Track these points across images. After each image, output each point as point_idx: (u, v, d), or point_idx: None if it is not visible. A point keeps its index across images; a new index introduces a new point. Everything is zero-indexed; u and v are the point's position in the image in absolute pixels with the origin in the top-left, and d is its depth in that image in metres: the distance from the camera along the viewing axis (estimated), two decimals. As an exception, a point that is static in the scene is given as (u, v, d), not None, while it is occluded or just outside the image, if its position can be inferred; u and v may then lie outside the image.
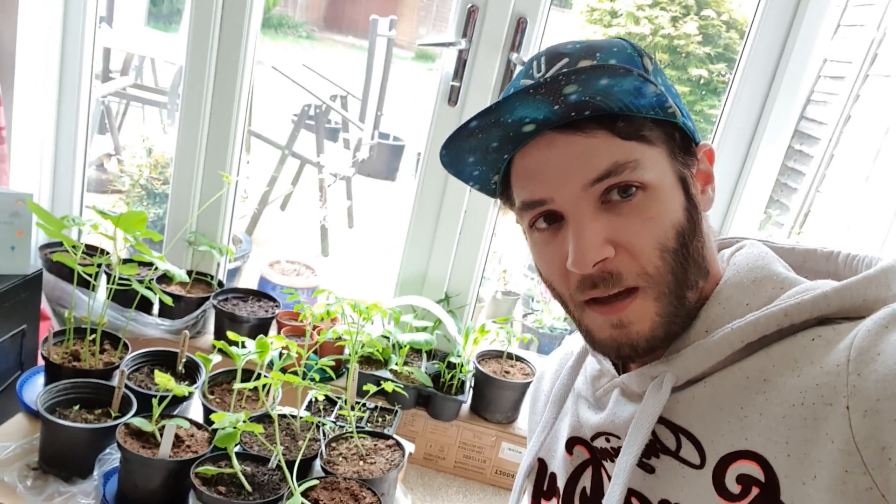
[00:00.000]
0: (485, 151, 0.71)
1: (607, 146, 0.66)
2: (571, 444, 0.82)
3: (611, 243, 0.66)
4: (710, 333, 0.68)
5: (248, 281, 2.84)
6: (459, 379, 1.59)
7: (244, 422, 1.11)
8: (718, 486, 0.64)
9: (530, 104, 0.63)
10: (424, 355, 1.67)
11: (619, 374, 0.77)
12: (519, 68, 0.76)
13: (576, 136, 0.66)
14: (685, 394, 0.69)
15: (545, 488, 0.86)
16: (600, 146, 0.66)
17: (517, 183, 0.73)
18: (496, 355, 1.68)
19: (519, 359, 1.67)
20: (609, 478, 0.76)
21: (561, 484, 0.83)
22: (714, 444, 0.66)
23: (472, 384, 1.62)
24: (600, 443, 0.78)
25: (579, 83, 0.61)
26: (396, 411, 1.44)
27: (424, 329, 1.62)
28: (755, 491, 0.62)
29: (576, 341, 0.88)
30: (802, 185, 3.76)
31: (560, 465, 0.84)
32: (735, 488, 0.63)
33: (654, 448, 0.71)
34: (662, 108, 0.66)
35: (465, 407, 1.63)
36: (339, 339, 1.48)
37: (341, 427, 1.32)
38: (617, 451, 0.74)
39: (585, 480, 0.80)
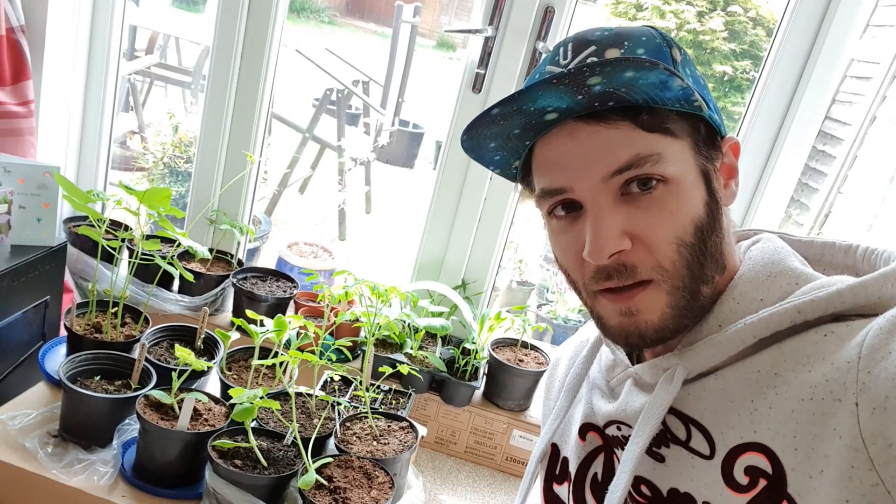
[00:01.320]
0: (506, 138, 0.71)
1: (630, 138, 0.65)
2: (585, 430, 0.83)
3: (628, 236, 0.66)
4: (723, 328, 0.68)
5: (266, 261, 2.86)
6: (473, 365, 1.60)
7: (262, 397, 1.13)
8: (727, 476, 0.65)
9: (553, 94, 0.63)
10: (439, 340, 1.68)
11: (633, 365, 0.77)
12: (544, 55, 0.75)
13: (598, 127, 0.66)
14: (696, 386, 0.69)
15: (557, 472, 0.87)
16: (623, 138, 0.65)
17: (538, 170, 0.72)
18: (510, 343, 1.68)
19: (533, 348, 1.68)
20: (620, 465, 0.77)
21: (573, 469, 0.84)
22: (724, 435, 0.66)
23: (486, 371, 1.63)
24: (612, 431, 0.78)
25: (604, 75, 0.61)
26: (410, 394, 1.45)
27: (440, 314, 1.63)
28: (762, 483, 0.62)
29: (591, 329, 0.88)
30: (824, 185, 3.72)
31: (573, 451, 0.85)
32: (743, 479, 0.64)
33: (664, 438, 0.71)
34: (688, 102, 0.66)
35: (478, 393, 1.64)
36: (357, 320, 1.49)
37: (356, 408, 1.34)
38: (627, 439, 0.75)
39: (597, 466, 0.81)
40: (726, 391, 0.67)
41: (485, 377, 1.63)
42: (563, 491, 0.86)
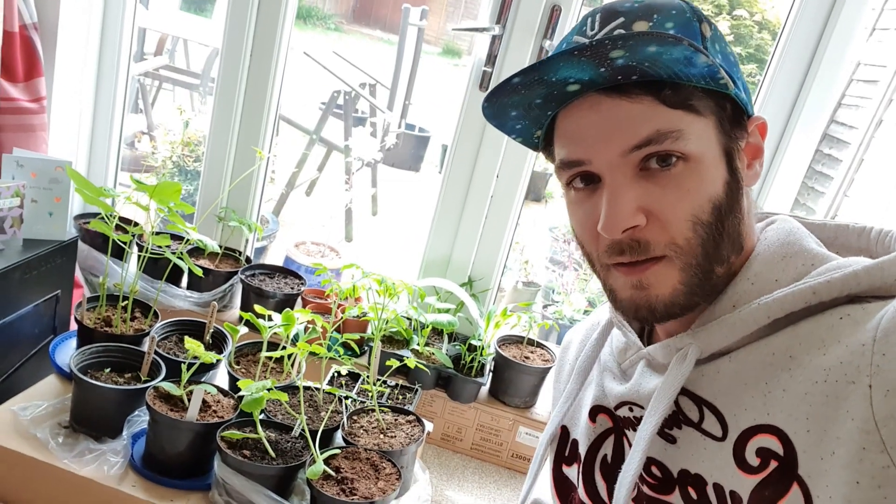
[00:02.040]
0: (528, 108, 0.71)
1: (652, 113, 0.65)
2: (595, 412, 0.83)
3: (643, 212, 0.66)
4: (736, 308, 0.68)
5: (274, 260, 2.88)
6: (479, 362, 1.61)
7: (270, 389, 1.14)
8: (738, 458, 0.65)
9: (575, 65, 0.63)
10: (446, 337, 1.69)
11: (645, 347, 0.78)
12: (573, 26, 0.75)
13: (621, 101, 0.66)
14: (710, 367, 0.70)
15: (567, 454, 0.88)
16: (644, 113, 0.65)
17: (559, 141, 0.72)
18: (517, 340, 1.69)
19: (539, 345, 1.69)
20: (630, 446, 0.78)
21: (582, 450, 0.84)
22: (737, 417, 0.66)
23: (492, 368, 1.64)
24: (624, 412, 0.79)
25: (626, 48, 0.60)
26: (417, 390, 1.46)
27: (447, 311, 1.64)
28: (773, 464, 0.63)
29: (602, 313, 0.89)
30: (830, 188, 3.72)
31: (582, 433, 0.85)
32: (754, 461, 0.64)
33: (676, 419, 0.72)
34: (714, 79, 0.65)
35: (485, 390, 1.64)
36: (364, 314, 1.50)
37: (363, 402, 1.35)
38: (639, 420, 0.75)
39: (607, 448, 0.81)
40: (740, 373, 0.67)
41: (491, 374, 1.64)
42: (572, 472, 0.87)
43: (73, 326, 1.51)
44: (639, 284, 0.68)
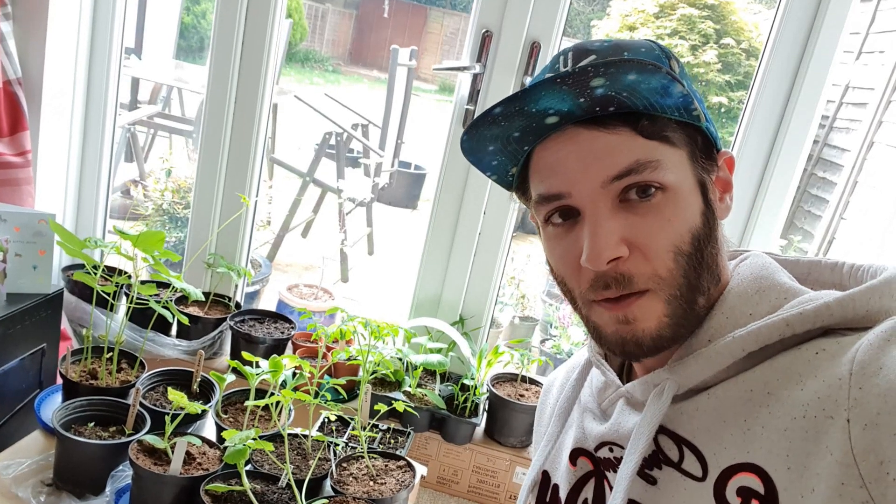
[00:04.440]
0: (506, 141, 0.71)
1: (630, 144, 0.65)
2: (575, 455, 0.82)
3: (625, 243, 0.65)
4: (712, 342, 0.67)
5: (266, 305, 2.86)
6: (473, 401, 1.58)
7: (254, 439, 1.11)
8: (719, 497, 0.64)
9: (556, 95, 0.63)
10: (438, 378, 1.67)
11: (624, 385, 0.76)
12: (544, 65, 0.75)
13: (599, 132, 0.66)
14: (689, 405, 0.68)
15: (548, 500, 0.85)
16: (623, 143, 0.65)
17: (536, 176, 0.72)
18: (511, 378, 1.67)
19: (533, 382, 1.66)
20: (611, 489, 0.75)
21: (563, 495, 0.82)
22: (716, 456, 0.65)
23: (486, 407, 1.61)
24: (604, 453, 0.77)
25: (607, 76, 0.61)
26: (409, 433, 1.43)
27: (439, 351, 1.62)
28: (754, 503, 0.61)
29: (581, 354, 0.87)
30: (826, 211, 3.72)
31: (563, 477, 0.83)
32: (735, 501, 0.63)
33: (657, 459, 0.70)
34: (687, 111, 0.66)
35: (480, 430, 1.61)
36: (352, 358, 1.48)
37: (353, 448, 1.32)
38: (619, 461, 0.73)
39: (588, 492, 0.79)
40: (719, 410, 0.66)
41: (485, 414, 1.61)
42: None
43: (60, 380, 1.49)
44: (624, 319, 0.67)
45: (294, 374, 1.34)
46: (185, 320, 1.49)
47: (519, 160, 0.75)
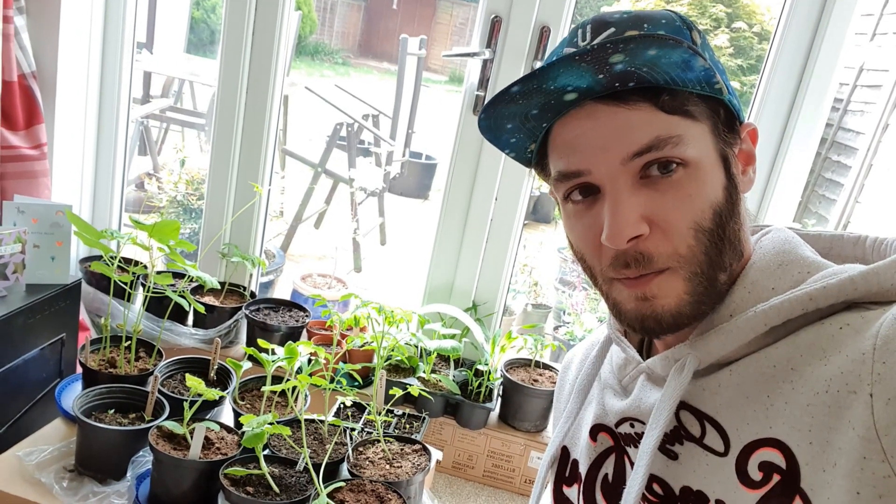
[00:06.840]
0: (524, 118, 0.70)
1: (650, 120, 0.64)
2: (596, 431, 0.82)
3: (646, 220, 0.65)
4: (733, 317, 0.67)
5: (280, 294, 2.88)
6: (487, 387, 1.59)
7: (272, 423, 1.13)
8: (741, 473, 0.64)
9: (575, 71, 0.62)
10: (452, 363, 1.68)
11: (644, 361, 0.76)
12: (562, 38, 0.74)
13: (618, 108, 0.65)
14: (711, 381, 0.68)
15: (567, 475, 0.86)
16: (643, 119, 0.64)
17: (555, 153, 0.71)
18: (524, 364, 1.67)
19: (547, 367, 1.67)
20: (632, 465, 0.76)
21: (583, 470, 0.82)
22: (739, 431, 0.65)
23: (500, 392, 1.62)
24: (625, 428, 0.77)
25: (626, 52, 0.60)
26: (424, 418, 1.44)
27: (452, 336, 1.63)
28: (776, 478, 0.61)
29: (601, 331, 0.88)
30: (841, 195, 3.69)
31: (583, 452, 0.83)
32: (757, 475, 0.63)
33: (678, 434, 0.70)
34: (709, 84, 0.65)
35: (494, 415, 1.62)
36: (366, 343, 1.49)
37: (369, 433, 1.33)
38: (640, 436, 0.73)
39: (608, 467, 0.80)
40: (741, 386, 0.66)
41: (500, 399, 1.62)
42: (573, 493, 0.85)
43: (80, 369, 1.51)
44: (643, 296, 0.67)
45: (309, 361, 1.36)
46: (202, 309, 1.50)
47: (537, 137, 0.74)
